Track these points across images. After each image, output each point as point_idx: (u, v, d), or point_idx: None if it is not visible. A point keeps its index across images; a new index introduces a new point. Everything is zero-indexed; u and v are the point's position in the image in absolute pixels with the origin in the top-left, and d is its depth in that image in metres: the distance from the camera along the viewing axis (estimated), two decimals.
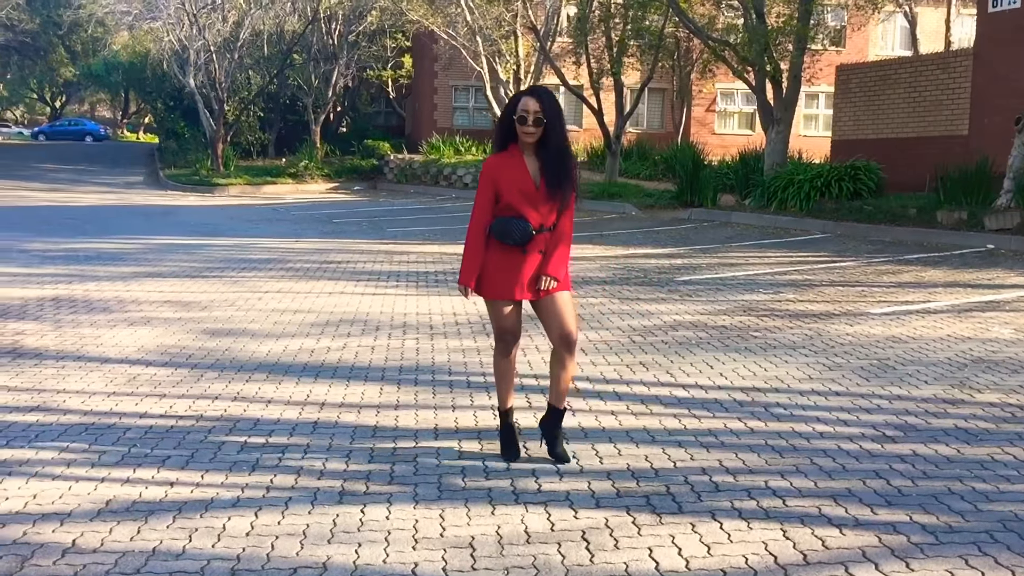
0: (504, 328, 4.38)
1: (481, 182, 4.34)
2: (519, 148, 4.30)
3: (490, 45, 23.14)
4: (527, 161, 4.29)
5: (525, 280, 4.32)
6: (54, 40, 37.85)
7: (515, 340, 4.44)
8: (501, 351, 4.44)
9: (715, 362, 6.33)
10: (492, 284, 4.33)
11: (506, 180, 4.26)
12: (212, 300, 8.78)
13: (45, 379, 5.88)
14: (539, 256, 4.32)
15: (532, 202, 4.27)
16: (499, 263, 4.30)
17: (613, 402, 5.38)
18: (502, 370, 4.47)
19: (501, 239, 4.27)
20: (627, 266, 11.21)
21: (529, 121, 4.19)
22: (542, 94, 4.28)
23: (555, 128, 4.26)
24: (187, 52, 27.83)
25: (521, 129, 4.21)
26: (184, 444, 4.64)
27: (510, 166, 4.27)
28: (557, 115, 4.28)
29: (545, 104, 4.24)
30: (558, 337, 4.40)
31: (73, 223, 16.93)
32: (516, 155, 4.29)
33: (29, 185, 26.96)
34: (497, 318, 4.38)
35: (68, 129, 56.44)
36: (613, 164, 21.48)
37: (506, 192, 4.25)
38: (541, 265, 4.34)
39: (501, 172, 4.27)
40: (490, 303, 4.38)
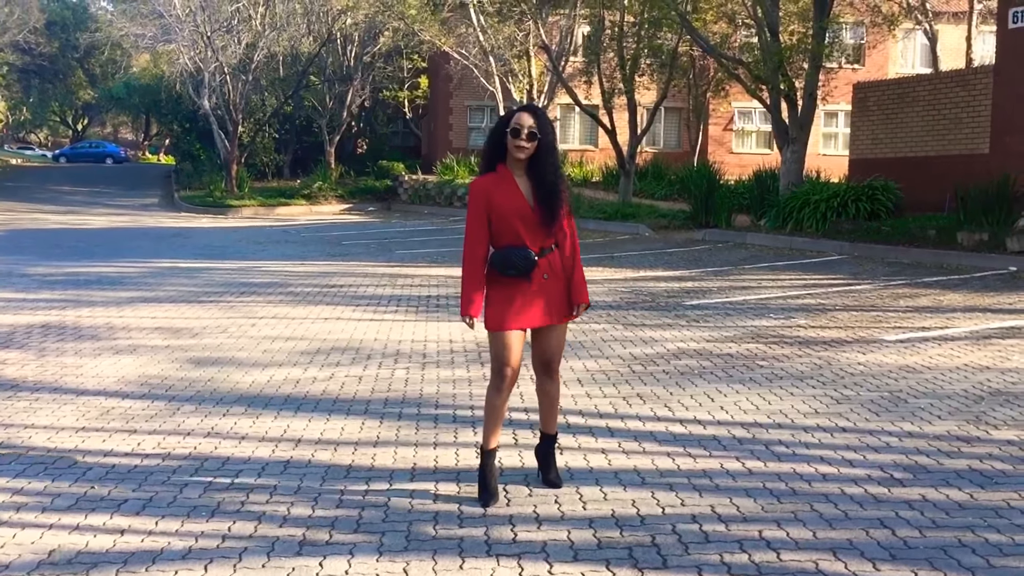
0: (507, 362, 4.12)
1: (472, 205, 4.09)
2: (508, 168, 4.06)
3: (503, 65, 22.97)
4: (519, 182, 4.06)
5: (535, 308, 4.10)
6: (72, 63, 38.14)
7: (515, 374, 4.17)
8: (498, 386, 4.17)
9: (716, 394, 6.01)
10: (499, 316, 4.09)
11: (501, 203, 4.03)
12: (204, 327, 8.55)
13: (15, 413, 5.65)
14: (544, 281, 4.08)
15: (529, 225, 4.04)
16: (504, 293, 4.07)
17: (604, 439, 5.08)
18: (495, 406, 4.19)
19: (504, 272, 4.04)
20: (635, 289, 10.91)
21: (523, 135, 3.98)
22: (537, 111, 4.10)
23: (549, 147, 4.04)
24: (202, 74, 27.85)
25: (513, 142, 3.99)
26: (145, 486, 4.38)
27: (503, 188, 4.05)
28: (551, 133, 4.07)
29: (540, 120, 4.03)
30: (541, 364, 4.26)
31: (81, 246, 16.83)
32: (507, 176, 4.06)
33: (44, 208, 27.00)
34: (502, 351, 4.12)
35: (89, 151, 56.75)
36: (627, 184, 21.19)
37: (502, 216, 4.04)
38: (564, 291, 4.19)
39: (494, 195, 4.04)
40: (495, 336, 4.11)
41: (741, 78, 16.94)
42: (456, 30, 24.14)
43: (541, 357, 4.27)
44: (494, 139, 4.13)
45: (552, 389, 4.33)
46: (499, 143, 4.09)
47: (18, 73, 36.51)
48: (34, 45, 32.65)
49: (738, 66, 16.86)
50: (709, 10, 19.33)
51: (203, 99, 28.20)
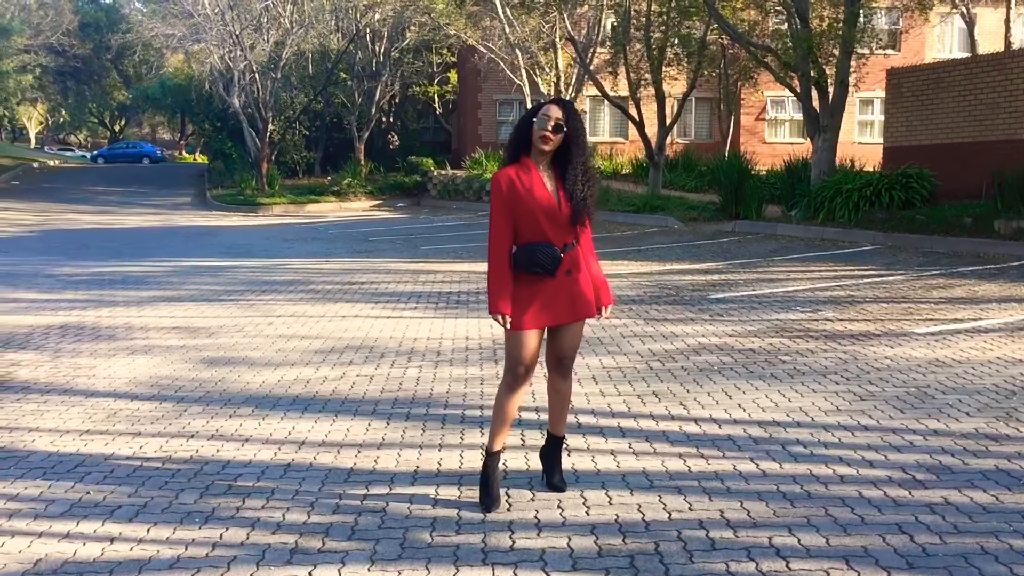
0: (524, 360, 3.98)
1: (496, 198, 3.95)
2: (532, 161, 3.91)
3: (529, 58, 22.78)
4: (544, 176, 3.93)
5: (556, 306, 3.97)
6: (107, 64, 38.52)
7: (530, 374, 4.03)
8: (511, 385, 4.03)
9: (735, 391, 5.82)
10: (518, 314, 3.94)
11: (526, 197, 3.89)
12: (221, 326, 8.50)
13: (23, 415, 5.61)
14: (567, 277, 3.96)
15: (555, 222, 3.91)
16: (524, 290, 3.93)
17: (615, 439, 4.92)
18: (504, 407, 4.05)
19: (528, 269, 3.90)
20: (660, 283, 10.71)
21: (549, 126, 3.84)
22: (567, 104, 3.97)
23: (576, 140, 3.92)
24: (231, 73, 27.96)
25: (539, 132, 3.86)
26: (142, 490, 4.29)
27: (527, 180, 3.91)
28: (580, 128, 3.93)
29: (568, 114, 3.90)
30: (555, 359, 4.12)
31: (110, 246, 16.92)
32: (532, 169, 3.92)
33: (78, 208, 27.26)
34: (519, 350, 3.97)
35: (126, 152, 57.35)
36: (656, 176, 20.93)
37: (528, 211, 3.89)
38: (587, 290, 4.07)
39: (517, 188, 3.90)
40: (513, 334, 3.97)
41: (770, 66, 16.62)
42: (481, 23, 23.97)
43: (557, 354, 4.12)
44: (520, 129, 4.00)
45: (565, 387, 4.18)
46: (525, 133, 3.95)
47: (54, 75, 36.95)
48: (67, 47, 32.99)
49: (766, 53, 16.53)
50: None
51: (233, 98, 28.31)
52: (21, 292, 10.91)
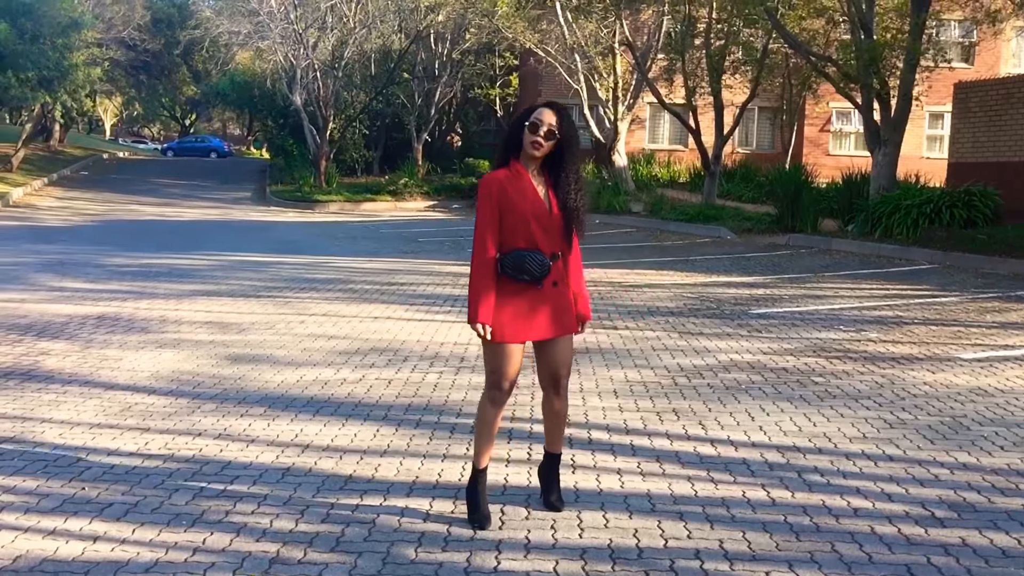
0: (506, 374, 3.86)
1: (483, 202, 3.81)
2: (522, 166, 3.78)
3: (587, 62, 22.60)
4: (535, 181, 3.80)
5: (540, 319, 3.84)
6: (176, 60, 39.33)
7: (512, 388, 3.91)
8: (493, 399, 3.91)
9: (759, 412, 5.61)
10: (500, 326, 3.80)
11: (516, 202, 3.76)
12: (254, 322, 8.51)
13: (39, 406, 5.64)
14: (553, 288, 3.82)
15: (545, 229, 3.77)
16: (511, 301, 3.80)
17: (624, 458, 4.76)
18: (487, 421, 3.93)
19: (516, 276, 3.77)
20: (702, 295, 10.47)
21: (541, 131, 3.70)
22: (561, 110, 3.81)
23: (568, 147, 3.78)
24: (294, 70, 28.27)
25: (529, 138, 3.72)
26: (136, 488, 4.26)
27: (517, 185, 3.78)
28: (573, 135, 3.79)
29: (563, 119, 3.75)
30: (549, 377, 3.96)
31: (165, 238, 17.18)
32: (523, 174, 3.79)
33: (142, 199, 27.79)
34: (501, 363, 3.85)
35: (194, 145, 58.53)
36: (711, 185, 20.59)
37: (516, 216, 3.75)
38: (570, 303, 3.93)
39: (509, 193, 3.76)
40: (494, 347, 3.84)
41: (831, 76, 16.21)
42: (539, 26, 23.85)
43: (549, 372, 3.97)
44: (512, 133, 3.86)
45: (560, 407, 4.03)
46: (516, 137, 3.82)
47: (126, 69, 37.83)
48: (139, 42, 33.72)
49: (827, 64, 16.13)
50: (802, 6, 18.59)
51: (295, 95, 28.62)
52: (68, 281, 11.09)
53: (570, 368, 4.01)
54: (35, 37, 22.31)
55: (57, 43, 23.01)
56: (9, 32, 21.48)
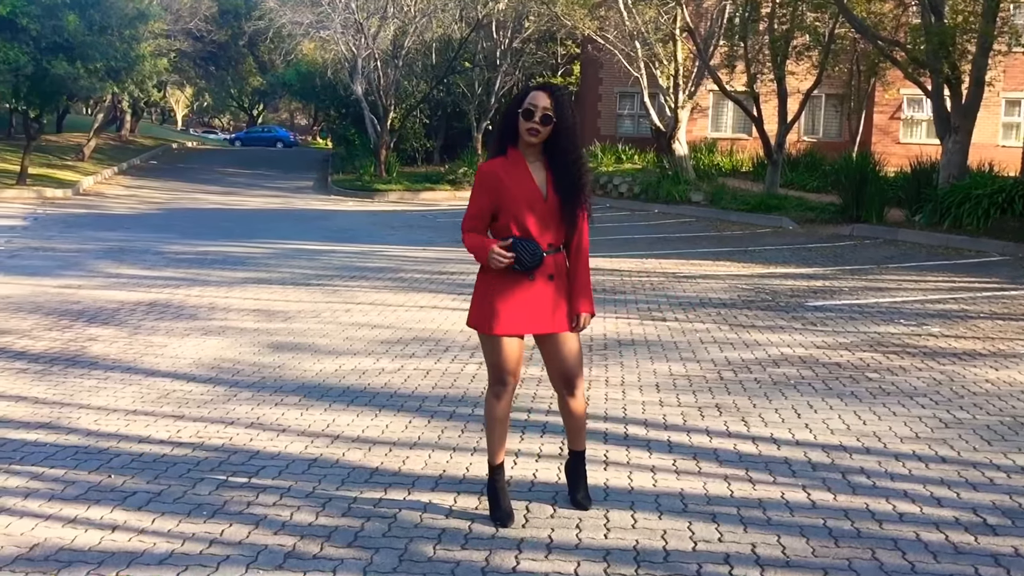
0: (506, 368, 3.72)
1: (475, 191, 3.69)
2: (520, 153, 3.64)
3: (648, 49, 22.24)
4: (532, 169, 3.63)
5: (538, 311, 3.66)
6: (243, 50, 39.87)
7: (515, 382, 3.78)
8: (497, 393, 3.77)
9: (806, 409, 5.39)
10: (493, 317, 3.67)
11: (509, 190, 3.61)
12: (300, 311, 8.50)
13: (79, 392, 5.67)
14: (549, 281, 3.65)
15: (540, 217, 3.61)
16: (500, 290, 3.65)
17: (660, 455, 4.59)
18: (496, 416, 3.80)
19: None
20: (758, 286, 10.19)
21: (536, 117, 3.54)
22: (555, 91, 3.63)
23: (566, 131, 3.61)
24: (355, 60, 28.40)
25: (525, 125, 3.56)
26: (162, 477, 4.23)
27: (513, 174, 3.62)
28: (569, 117, 3.61)
29: (557, 102, 3.58)
30: (560, 377, 3.79)
31: (225, 226, 17.37)
32: (519, 161, 3.63)
33: (206, 188, 28.22)
34: (498, 356, 3.71)
35: (261, 135, 59.36)
36: (773, 174, 20.12)
37: (509, 204, 3.61)
38: (570, 298, 3.74)
39: (502, 181, 3.62)
40: (490, 340, 3.71)
41: (899, 62, 15.67)
42: (598, 12, 23.54)
43: (558, 373, 3.81)
44: (506, 120, 3.71)
45: (577, 408, 3.85)
46: (511, 124, 3.66)
47: (194, 60, 38.49)
48: (205, 33, 34.24)
49: (895, 48, 15.60)
50: None
51: (356, 85, 28.75)
52: (125, 267, 11.25)
53: (580, 366, 3.82)
54: (103, 28, 22.72)
55: (124, 34, 23.42)
56: (78, 24, 21.92)
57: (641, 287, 10.13)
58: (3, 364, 6.34)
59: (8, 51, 21.49)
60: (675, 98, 21.56)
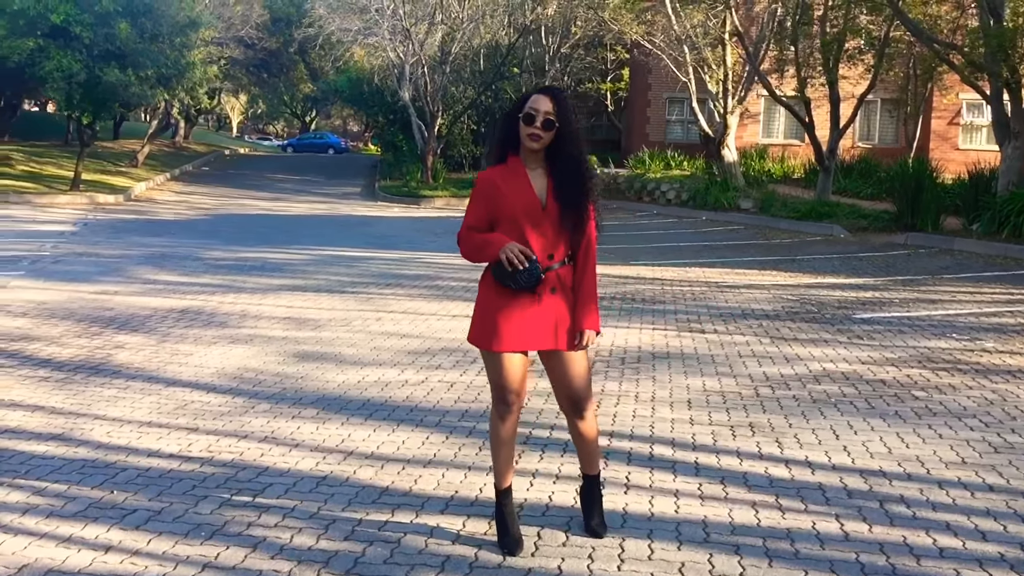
0: (508, 387, 3.52)
1: (472, 200, 3.52)
2: (521, 160, 3.44)
3: (696, 54, 21.88)
4: (532, 177, 3.43)
5: (538, 328, 3.46)
6: (294, 57, 40.23)
7: (519, 401, 3.57)
8: (501, 414, 3.58)
9: (845, 430, 5.10)
10: (493, 333, 3.47)
11: (506, 198, 3.41)
12: (331, 319, 8.39)
13: (97, 402, 5.58)
14: (551, 296, 3.44)
15: (539, 227, 3.41)
16: (500, 304, 3.45)
17: (686, 477, 4.34)
18: (501, 438, 3.60)
19: (503, 282, 3.42)
20: (804, 297, 9.85)
21: (537, 121, 3.35)
22: (557, 94, 3.42)
23: (569, 136, 3.41)
24: (402, 66, 28.42)
25: (526, 130, 3.37)
26: (165, 494, 4.09)
27: (511, 182, 3.43)
28: (572, 122, 3.40)
29: (559, 105, 3.38)
30: (567, 399, 3.58)
31: (268, 232, 17.40)
32: (518, 168, 3.44)
33: (255, 194, 28.42)
34: (500, 375, 3.52)
35: (313, 142, 59.90)
36: (825, 181, 19.64)
37: (506, 214, 3.41)
38: (570, 312, 3.50)
39: (500, 189, 3.43)
40: (491, 357, 3.52)
41: (956, 65, 15.16)
42: (645, 16, 23.23)
43: (564, 394, 3.60)
44: (506, 126, 3.51)
45: (587, 431, 3.64)
46: (511, 131, 3.46)
47: (246, 67, 38.90)
48: (256, 40, 34.57)
49: (952, 52, 15.09)
50: None
51: (403, 91, 28.76)
52: (164, 274, 11.25)
53: (588, 387, 3.61)
54: (154, 36, 22.99)
55: (175, 42, 23.67)
56: (130, 32, 22.20)
57: (682, 297, 9.85)
58: (27, 372, 6.30)
59: (62, 59, 21.84)
60: (724, 103, 21.17)
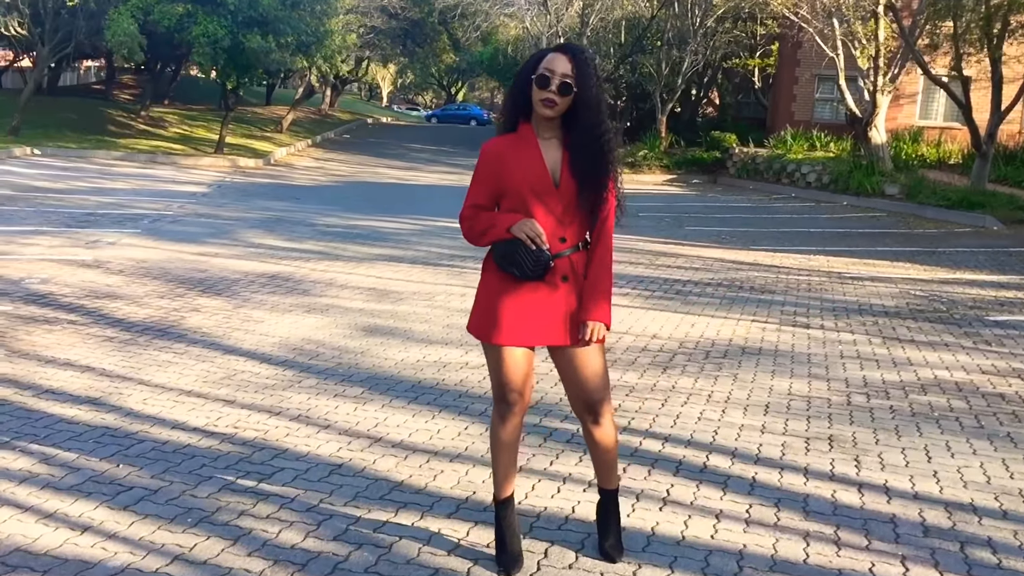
0: (510, 385, 3.10)
1: (476, 174, 3.09)
2: (532, 128, 2.99)
3: (845, 27, 20.51)
4: (543, 147, 2.98)
5: (546, 320, 3.03)
6: (438, 28, 40.36)
7: (522, 400, 3.14)
8: (502, 414, 3.15)
9: (941, 452, 4.43)
10: (494, 324, 3.05)
11: (513, 173, 2.98)
12: (415, 292, 8.13)
13: (148, 366, 5.48)
14: (562, 285, 3.00)
15: (549, 207, 2.96)
16: (504, 292, 3.03)
17: (736, 496, 3.82)
18: (502, 440, 3.18)
19: (505, 269, 3.00)
20: (933, 294, 8.95)
21: (552, 85, 2.89)
22: (576, 52, 2.95)
23: (589, 102, 2.93)
24: (540, 37, 28.00)
25: (539, 95, 2.92)
26: (170, 472, 3.89)
27: (520, 153, 2.99)
28: (593, 85, 2.93)
29: (579, 66, 2.91)
30: (581, 402, 3.15)
31: (389, 201, 17.40)
32: (529, 138, 2.99)
33: (390, 163, 28.68)
34: (501, 371, 3.10)
35: (456, 113, 60.37)
36: (982, 168, 18.10)
37: (512, 190, 2.99)
38: (579, 303, 3.05)
39: (506, 162, 3.00)
40: (491, 351, 3.11)
41: None
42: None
43: (576, 394, 3.15)
44: (516, 90, 3.03)
45: (603, 438, 3.17)
46: (523, 95, 3.00)
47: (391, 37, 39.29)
48: (399, 10, 34.79)
49: None
50: None
51: None
52: (270, 238, 11.28)
53: (605, 387, 3.13)
54: (295, 3, 23.35)
55: (316, 9, 23.99)
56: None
57: (795, 287, 9.13)
58: (96, 331, 6.28)
59: (208, 24, 22.45)
60: (874, 81, 19.81)
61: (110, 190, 15.69)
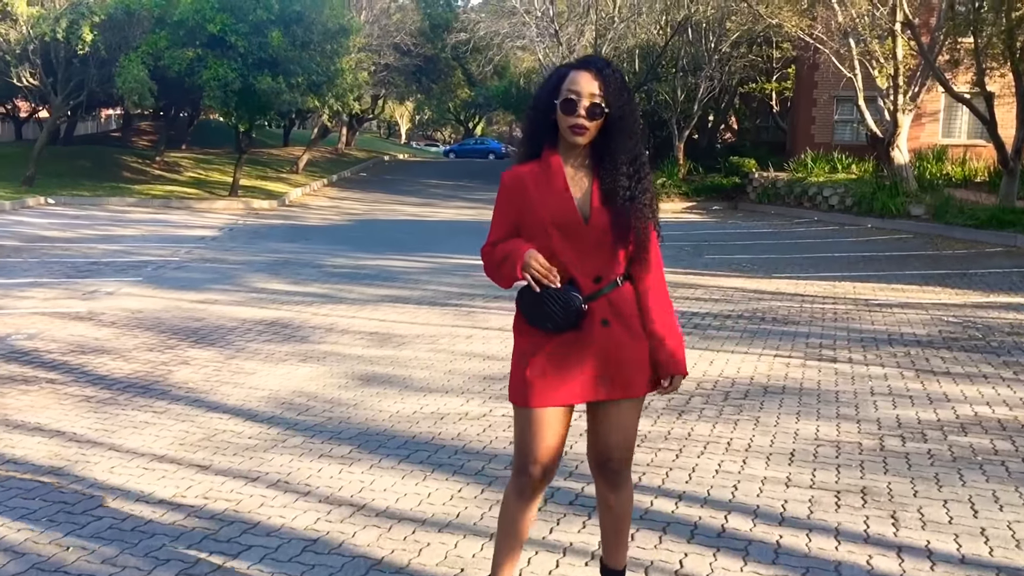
0: (536, 455, 2.68)
1: (497, 207, 2.72)
2: (557, 155, 2.60)
3: (862, 47, 20.10)
4: (570, 177, 2.58)
5: (584, 373, 2.63)
6: (452, 63, 40.30)
7: (546, 474, 2.71)
8: (519, 488, 2.74)
9: (988, 504, 3.97)
10: (526, 382, 2.66)
11: (534, 204, 2.61)
12: (419, 335, 7.74)
13: (123, 428, 5.11)
14: (603, 330, 2.60)
15: (578, 244, 2.58)
16: (540, 348, 2.65)
17: (758, 566, 3.37)
18: (513, 517, 2.77)
19: (535, 325, 2.62)
20: (967, 320, 8.46)
21: (580, 109, 2.51)
22: (601, 67, 2.57)
23: (622, 125, 2.56)
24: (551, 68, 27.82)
25: (567, 120, 2.55)
26: (124, 555, 3.50)
27: (544, 184, 2.61)
28: (626, 102, 2.55)
29: (608, 84, 2.53)
30: (597, 461, 2.78)
31: (402, 238, 17.09)
32: (555, 167, 2.60)
33: (406, 200, 28.45)
34: (527, 437, 2.69)
35: (473, 147, 60.35)
36: (1010, 185, 17.56)
37: (536, 226, 2.61)
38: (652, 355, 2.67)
39: (527, 191, 2.63)
40: (520, 413, 2.70)
41: None
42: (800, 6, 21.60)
43: (595, 452, 2.75)
44: (538, 113, 2.65)
45: (616, 503, 2.78)
46: (545, 115, 2.62)
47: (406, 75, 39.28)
48: (411, 47, 34.76)
49: None
50: None
51: None
52: (274, 282, 10.96)
53: (630, 448, 2.74)
54: (305, 44, 23.26)
55: (326, 49, 23.88)
56: (282, 39, 22.53)
57: (821, 316, 8.66)
58: (74, 390, 5.93)
59: (218, 67, 22.40)
60: (894, 101, 19.36)
61: (119, 237, 15.49)
